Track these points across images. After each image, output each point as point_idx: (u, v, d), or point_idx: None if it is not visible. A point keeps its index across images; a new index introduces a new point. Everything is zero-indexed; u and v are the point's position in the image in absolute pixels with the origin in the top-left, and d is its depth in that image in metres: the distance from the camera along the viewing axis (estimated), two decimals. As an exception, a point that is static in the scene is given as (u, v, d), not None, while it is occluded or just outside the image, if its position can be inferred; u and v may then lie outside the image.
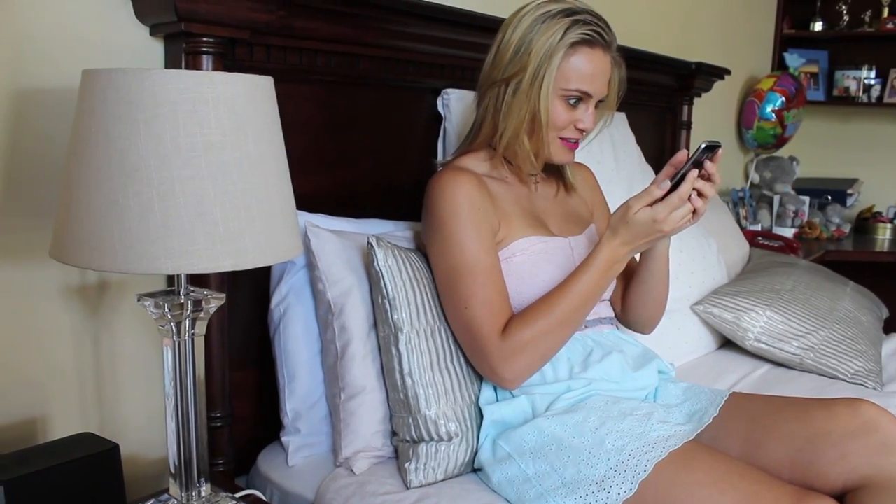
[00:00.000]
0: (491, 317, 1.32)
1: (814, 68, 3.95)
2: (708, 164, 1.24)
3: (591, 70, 1.35)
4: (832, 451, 1.24)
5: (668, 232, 1.26)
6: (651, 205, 1.25)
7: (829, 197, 3.84)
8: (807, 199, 3.71)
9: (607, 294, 1.53)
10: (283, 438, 1.49)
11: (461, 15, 1.77)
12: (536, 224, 1.45)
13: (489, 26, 1.77)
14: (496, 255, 1.36)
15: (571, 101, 1.37)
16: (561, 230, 1.48)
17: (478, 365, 1.36)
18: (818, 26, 3.92)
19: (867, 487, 1.20)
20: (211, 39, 1.30)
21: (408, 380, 1.33)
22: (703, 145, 1.22)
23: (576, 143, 1.43)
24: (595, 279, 1.31)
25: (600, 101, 1.42)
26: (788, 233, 3.55)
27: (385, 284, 1.35)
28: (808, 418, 1.30)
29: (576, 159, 1.52)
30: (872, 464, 1.21)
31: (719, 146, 1.24)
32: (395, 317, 1.34)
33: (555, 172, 1.56)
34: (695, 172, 1.24)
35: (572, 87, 1.35)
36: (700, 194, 1.25)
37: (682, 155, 1.26)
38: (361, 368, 1.41)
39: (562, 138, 1.40)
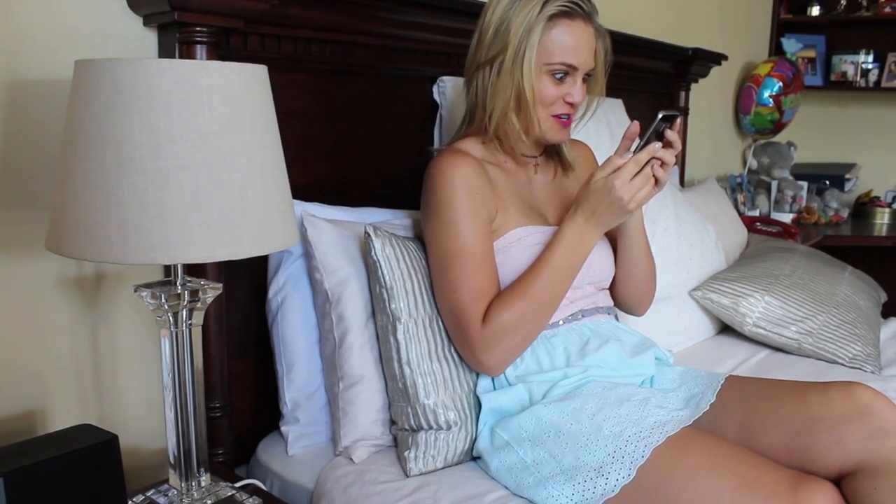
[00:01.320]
0: (477, 303, 1.32)
1: (811, 53, 3.94)
2: (668, 133, 1.27)
3: (572, 42, 1.35)
4: (828, 436, 1.24)
5: (626, 200, 1.27)
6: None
7: (827, 182, 3.84)
8: (805, 184, 3.71)
9: (605, 283, 1.53)
10: (283, 428, 1.49)
11: (456, 2, 1.76)
12: (533, 213, 1.45)
13: (484, 13, 1.77)
14: (490, 243, 1.36)
15: (558, 76, 1.37)
16: (558, 219, 1.48)
17: (461, 350, 1.37)
18: (815, 11, 3.90)
19: (863, 471, 1.20)
20: (204, 29, 1.29)
21: (406, 369, 1.33)
22: (661, 115, 1.24)
23: (568, 120, 1.42)
24: (566, 255, 1.32)
25: (588, 74, 1.41)
26: (786, 218, 3.55)
27: (383, 273, 1.35)
28: (804, 403, 1.30)
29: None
30: (868, 448, 1.21)
31: (678, 115, 1.26)
32: (393, 306, 1.34)
33: (552, 154, 1.56)
34: (658, 144, 1.26)
35: (556, 61, 1.35)
36: (662, 164, 1.27)
37: (634, 126, 1.29)
38: (360, 357, 1.41)
39: (554, 116, 1.40)
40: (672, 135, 1.27)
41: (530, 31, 1.33)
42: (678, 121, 1.27)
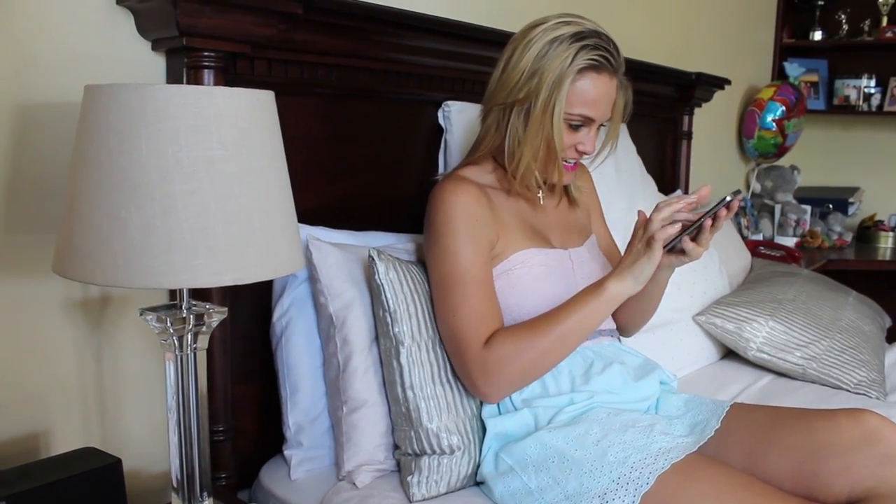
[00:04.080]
0: (477, 327, 1.32)
1: (814, 77, 3.96)
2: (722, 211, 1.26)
3: (594, 95, 1.35)
4: (835, 463, 1.24)
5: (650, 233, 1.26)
6: None
7: (831, 206, 3.84)
8: (808, 208, 3.71)
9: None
10: (286, 452, 1.49)
11: (461, 27, 1.78)
12: (537, 236, 1.45)
13: (489, 39, 1.78)
14: (489, 269, 1.37)
15: (574, 125, 1.37)
16: (562, 242, 1.49)
17: (461, 375, 1.36)
18: (818, 35, 3.93)
19: (871, 499, 1.19)
20: (212, 54, 1.30)
21: (409, 393, 1.33)
22: (728, 198, 1.25)
23: (575, 165, 1.43)
24: (597, 307, 1.31)
25: (603, 125, 1.42)
26: (790, 242, 3.55)
27: (386, 297, 1.35)
28: (811, 430, 1.29)
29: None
30: (876, 475, 1.20)
31: (739, 192, 1.28)
32: (396, 330, 1.34)
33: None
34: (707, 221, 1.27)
35: (575, 112, 1.35)
36: (714, 223, 1.27)
37: (705, 191, 1.29)
38: (363, 381, 1.41)
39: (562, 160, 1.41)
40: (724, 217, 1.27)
41: (560, 83, 1.32)
42: (737, 201, 1.28)
